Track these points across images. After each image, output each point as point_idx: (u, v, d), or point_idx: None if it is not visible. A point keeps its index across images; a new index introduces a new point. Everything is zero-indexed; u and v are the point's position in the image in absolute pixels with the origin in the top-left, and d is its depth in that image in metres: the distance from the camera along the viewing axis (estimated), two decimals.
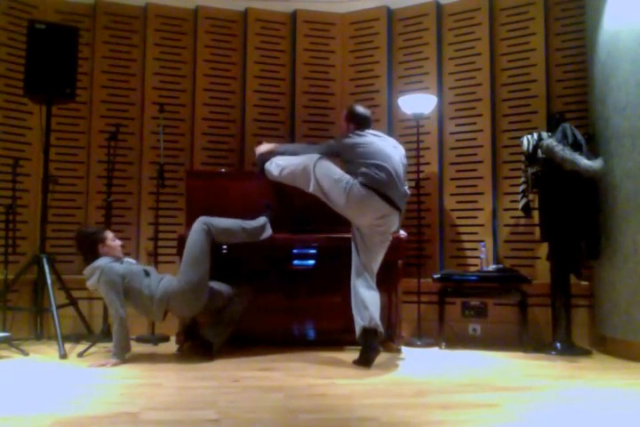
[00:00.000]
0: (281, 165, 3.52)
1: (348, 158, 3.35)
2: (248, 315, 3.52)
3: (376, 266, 3.31)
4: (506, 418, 2.17)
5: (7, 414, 2.14)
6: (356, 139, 3.36)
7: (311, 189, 3.36)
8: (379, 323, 3.14)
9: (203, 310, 3.31)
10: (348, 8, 4.80)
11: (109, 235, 3.37)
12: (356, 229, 3.31)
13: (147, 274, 3.27)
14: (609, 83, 3.63)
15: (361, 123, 3.47)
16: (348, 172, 3.30)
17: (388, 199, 3.23)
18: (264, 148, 3.69)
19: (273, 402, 2.37)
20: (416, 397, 2.50)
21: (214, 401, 2.36)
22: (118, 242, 3.41)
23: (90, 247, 3.30)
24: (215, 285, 3.37)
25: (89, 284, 3.22)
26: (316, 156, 3.40)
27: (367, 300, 3.17)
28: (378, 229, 3.27)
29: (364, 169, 3.24)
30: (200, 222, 3.30)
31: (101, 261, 3.22)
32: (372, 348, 3.11)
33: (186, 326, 3.59)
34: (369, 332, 3.11)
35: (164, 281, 3.25)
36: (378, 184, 3.22)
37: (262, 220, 3.52)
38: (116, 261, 3.29)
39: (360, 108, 3.54)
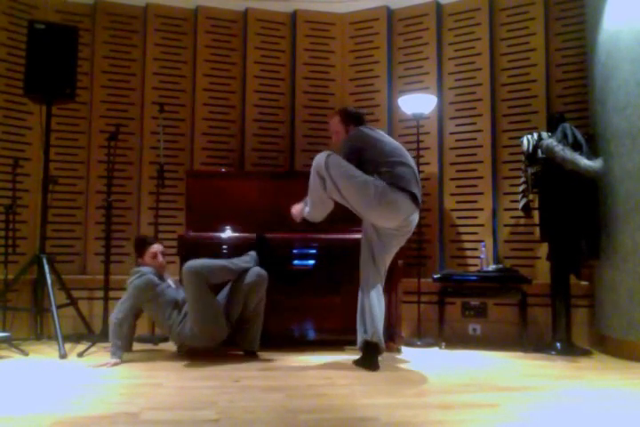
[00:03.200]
0: (307, 201, 3.24)
1: (370, 156, 3.11)
2: None
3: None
4: (506, 418, 2.17)
5: (7, 414, 2.14)
6: (372, 133, 3.19)
7: (328, 188, 3.07)
8: (382, 338, 3.08)
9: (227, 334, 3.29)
10: (348, 8, 4.80)
11: (151, 250, 3.43)
12: (374, 233, 3.14)
13: (176, 306, 3.25)
14: (609, 83, 3.63)
15: (360, 121, 3.33)
16: (367, 172, 3.07)
17: (414, 197, 3.11)
18: (296, 213, 3.30)
19: (273, 402, 2.37)
20: (416, 397, 2.50)
21: (214, 401, 2.36)
22: (160, 260, 3.42)
23: (136, 253, 3.55)
24: (227, 293, 3.33)
25: (128, 281, 3.30)
26: (324, 154, 3.10)
27: (377, 314, 3.07)
28: (404, 230, 3.15)
29: (388, 168, 3.06)
30: (187, 269, 3.15)
31: (146, 269, 3.31)
32: (372, 362, 3.05)
33: None
34: (371, 346, 3.06)
35: (184, 322, 3.21)
36: (406, 183, 3.07)
37: (249, 260, 3.36)
38: (159, 276, 3.33)
39: (352, 108, 3.45)
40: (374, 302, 3.09)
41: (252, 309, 3.34)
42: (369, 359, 3.07)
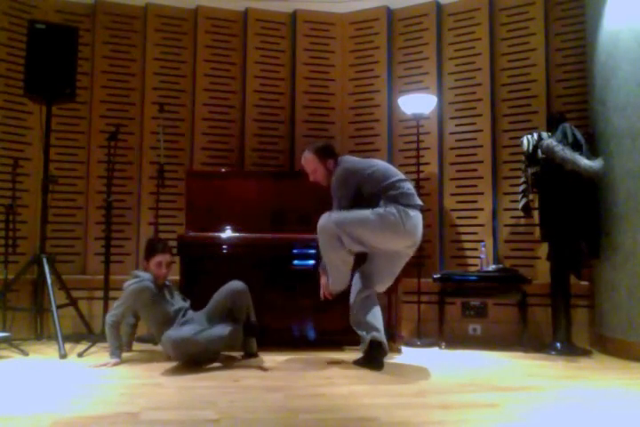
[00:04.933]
0: (323, 269, 3.24)
1: (369, 187, 3.12)
2: None
3: None
4: (506, 418, 2.17)
5: (7, 414, 2.14)
6: (357, 164, 3.20)
7: (346, 244, 3.05)
8: (384, 339, 3.11)
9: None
10: (348, 8, 4.80)
11: (156, 258, 3.25)
12: (387, 261, 3.15)
13: (167, 321, 3.16)
14: (609, 83, 3.63)
15: (335, 152, 3.29)
16: (372, 202, 3.08)
17: (421, 209, 3.19)
18: (327, 290, 3.24)
19: (273, 402, 2.37)
20: (416, 397, 2.50)
21: (214, 401, 2.36)
22: (162, 271, 3.24)
23: (144, 255, 3.40)
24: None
25: (125, 284, 3.22)
26: (325, 215, 3.09)
27: (378, 315, 3.14)
28: (417, 241, 3.18)
29: (394, 191, 3.08)
30: (167, 341, 3.00)
31: (145, 276, 3.23)
32: (377, 362, 3.06)
33: None
34: (376, 345, 3.06)
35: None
36: (414, 198, 3.14)
37: (225, 333, 3.13)
38: (157, 285, 3.22)
39: (320, 142, 3.36)
40: (374, 305, 3.15)
41: (242, 318, 3.26)
42: (374, 359, 3.07)
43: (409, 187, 3.16)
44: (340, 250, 3.08)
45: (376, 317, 3.13)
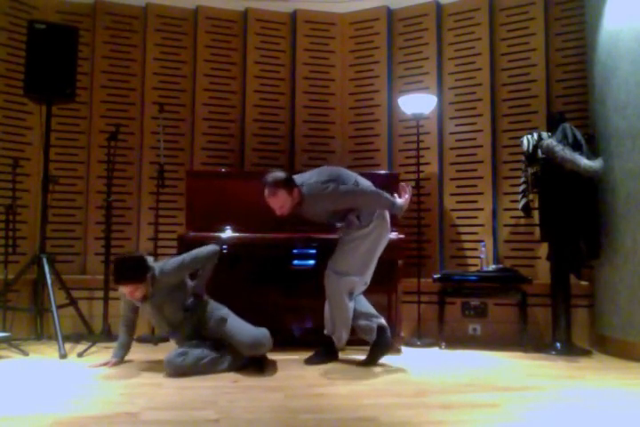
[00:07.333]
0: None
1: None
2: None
3: None
4: (506, 418, 2.17)
5: (7, 414, 2.14)
6: (318, 176, 3.19)
7: (361, 285, 3.27)
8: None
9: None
10: (348, 8, 4.80)
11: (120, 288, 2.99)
12: (374, 255, 3.26)
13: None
14: (609, 83, 3.63)
15: (292, 178, 3.20)
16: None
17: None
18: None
19: (273, 402, 2.37)
20: (416, 397, 2.50)
21: (214, 401, 2.36)
22: (129, 297, 2.98)
23: None
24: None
25: None
26: (326, 272, 3.24)
27: (369, 307, 3.28)
28: None
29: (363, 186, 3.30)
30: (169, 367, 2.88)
31: None
32: (389, 344, 3.22)
33: None
34: (384, 329, 3.21)
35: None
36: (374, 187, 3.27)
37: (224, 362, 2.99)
38: None
39: (276, 173, 3.17)
40: (363, 299, 3.31)
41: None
42: (387, 342, 3.20)
43: (363, 180, 3.32)
44: (349, 302, 3.21)
45: (367, 306, 3.28)
